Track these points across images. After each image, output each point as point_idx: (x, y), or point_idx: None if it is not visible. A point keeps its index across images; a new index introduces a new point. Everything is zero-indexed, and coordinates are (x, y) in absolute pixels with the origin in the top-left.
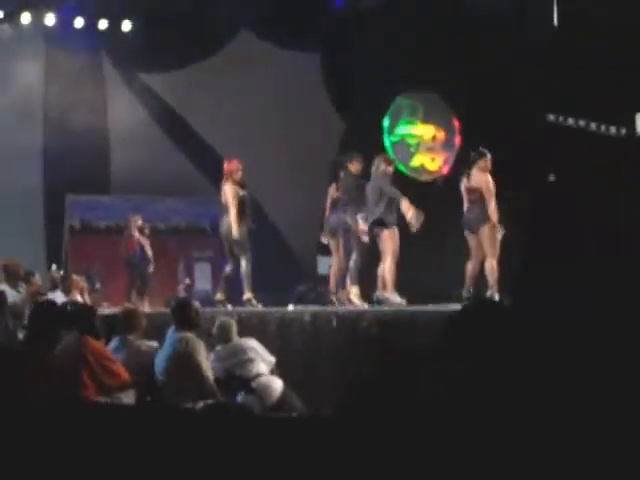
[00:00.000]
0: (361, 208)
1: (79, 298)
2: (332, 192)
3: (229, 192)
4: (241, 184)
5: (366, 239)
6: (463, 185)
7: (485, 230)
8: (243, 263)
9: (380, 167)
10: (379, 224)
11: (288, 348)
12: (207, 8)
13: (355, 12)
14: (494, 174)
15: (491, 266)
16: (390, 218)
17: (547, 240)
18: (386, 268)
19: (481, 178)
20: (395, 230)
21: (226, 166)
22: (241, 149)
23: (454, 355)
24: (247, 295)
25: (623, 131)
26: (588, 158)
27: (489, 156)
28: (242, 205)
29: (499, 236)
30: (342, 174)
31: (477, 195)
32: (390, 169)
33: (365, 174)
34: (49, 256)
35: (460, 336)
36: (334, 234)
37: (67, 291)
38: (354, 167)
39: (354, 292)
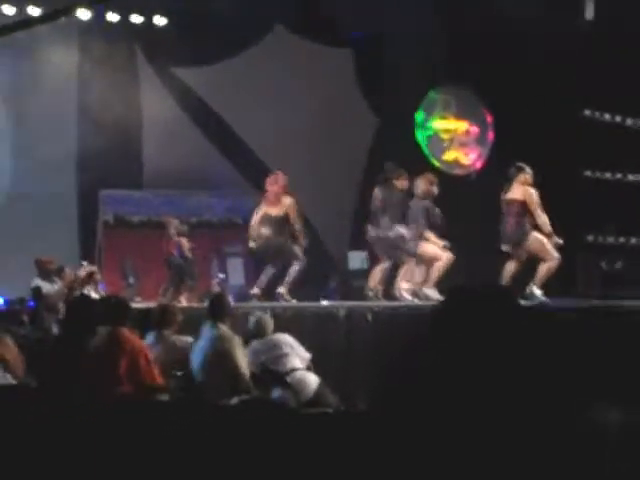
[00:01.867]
0: (397, 222)
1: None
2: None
3: (292, 207)
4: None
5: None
6: (502, 198)
7: (532, 243)
8: (296, 267)
9: (423, 187)
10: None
11: (324, 343)
12: (241, 3)
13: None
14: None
15: (548, 267)
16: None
17: None
18: (435, 266)
19: (522, 190)
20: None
21: (281, 179)
22: (274, 144)
23: (439, 344)
24: (281, 289)
25: None
26: (624, 154)
27: (529, 170)
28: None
29: (553, 244)
30: (384, 188)
31: (516, 207)
32: (434, 189)
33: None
34: (83, 251)
35: (444, 324)
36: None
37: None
38: (400, 184)
39: (404, 287)
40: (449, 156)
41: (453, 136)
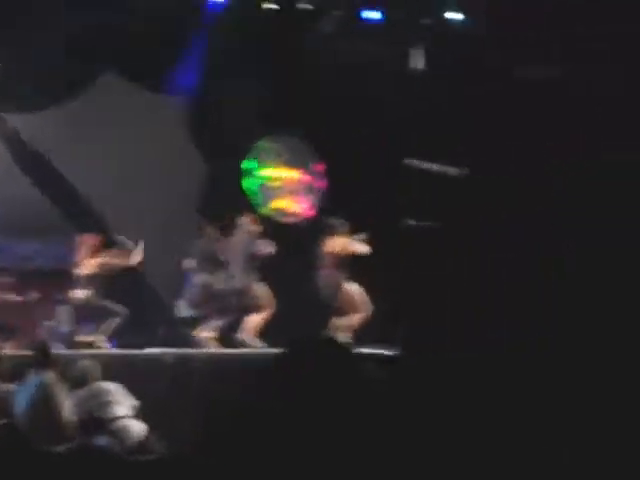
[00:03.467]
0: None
1: None
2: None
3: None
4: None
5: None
6: (319, 252)
7: (347, 291)
8: (115, 320)
9: (246, 227)
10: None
11: (150, 391)
12: (72, 46)
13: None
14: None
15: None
16: (257, 275)
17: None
18: (261, 317)
19: (337, 242)
20: (264, 285)
21: (91, 241)
22: (106, 192)
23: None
24: (93, 337)
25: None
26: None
27: (344, 222)
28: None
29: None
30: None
31: (333, 259)
32: (257, 229)
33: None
34: None
35: (285, 373)
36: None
37: None
38: (209, 231)
39: (210, 336)
40: (278, 204)
41: (283, 184)
